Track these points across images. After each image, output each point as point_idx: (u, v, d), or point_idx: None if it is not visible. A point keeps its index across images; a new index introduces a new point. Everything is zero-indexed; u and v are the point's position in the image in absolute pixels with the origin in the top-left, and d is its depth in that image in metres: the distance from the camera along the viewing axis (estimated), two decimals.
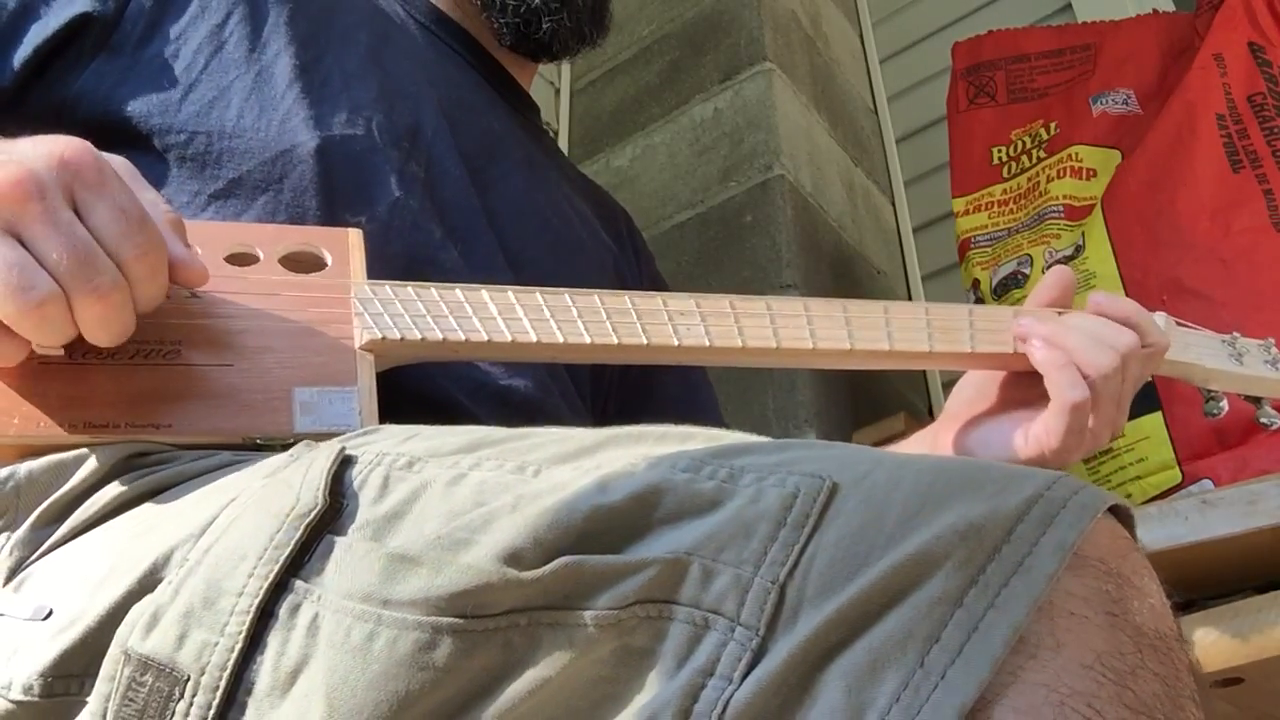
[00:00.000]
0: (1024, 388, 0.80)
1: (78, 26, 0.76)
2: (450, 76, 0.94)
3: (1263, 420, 0.87)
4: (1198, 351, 0.84)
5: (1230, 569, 0.90)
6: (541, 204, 0.94)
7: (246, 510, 0.51)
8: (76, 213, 0.54)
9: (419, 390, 0.72)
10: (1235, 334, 0.88)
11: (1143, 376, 0.79)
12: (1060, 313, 0.80)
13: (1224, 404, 0.86)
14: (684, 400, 1.03)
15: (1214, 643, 0.85)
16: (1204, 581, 0.91)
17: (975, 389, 0.85)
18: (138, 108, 0.75)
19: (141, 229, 0.55)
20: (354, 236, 0.71)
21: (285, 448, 0.58)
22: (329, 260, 0.69)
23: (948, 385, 1.83)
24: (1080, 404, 0.74)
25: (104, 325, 0.54)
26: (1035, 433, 0.77)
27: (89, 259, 0.53)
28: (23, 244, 0.52)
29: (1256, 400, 0.88)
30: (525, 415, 0.77)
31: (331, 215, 0.75)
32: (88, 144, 0.55)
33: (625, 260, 1.06)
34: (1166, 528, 0.90)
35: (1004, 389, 0.83)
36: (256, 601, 0.47)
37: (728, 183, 1.72)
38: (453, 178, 0.84)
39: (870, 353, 0.76)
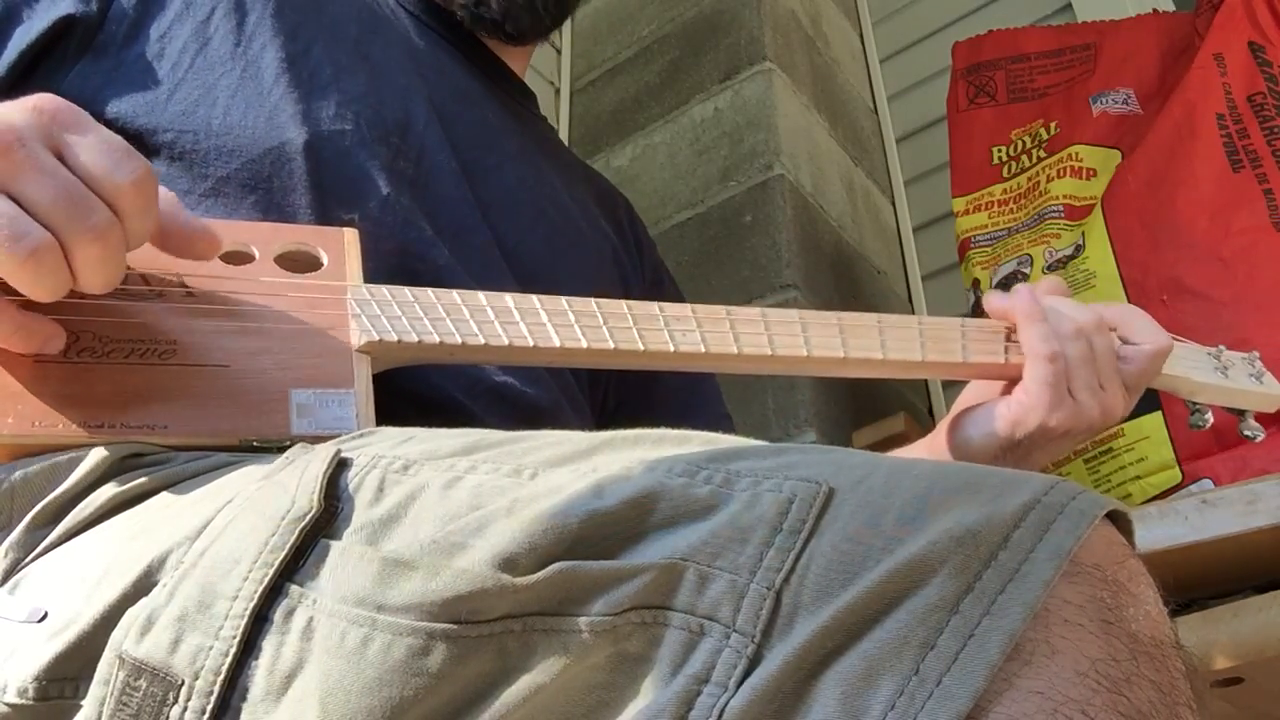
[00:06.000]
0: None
1: (61, 29, 0.75)
2: (442, 67, 0.93)
3: (1246, 433, 0.88)
4: (1185, 364, 0.85)
5: (1230, 569, 0.90)
6: (538, 195, 0.93)
7: (242, 513, 0.51)
8: (62, 159, 0.53)
9: (416, 390, 0.72)
10: (1221, 346, 0.88)
11: (1144, 371, 0.81)
12: None
13: (1209, 416, 0.87)
14: (687, 390, 1.02)
15: (1214, 643, 0.85)
16: (1204, 581, 0.90)
17: (976, 389, 0.87)
18: (123, 108, 0.74)
19: (130, 157, 0.54)
20: (349, 236, 0.70)
21: (282, 450, 0.58)
22: (325, 260, 0.68)
23: (948, 386, 1.83)
24: (1052, 355, 0.77)
25: (103, 266, 0.54)
26: (1016, 395, 0.80)
27: (81, 199, 0.52)
28: (11, 197, 0.51)
29: (1240, 412, 0.88)
30: (524, 412, 0.76)
31: (322, 213, 0.74)
32: (58, 96, 0.55)
33: (626, 250, 1.05)
34: (1166, 528, 0.90)
35: (1006, 387, 0.84)
36: (251, 606, 0.47)
37: (728, 182, 1.72)
38: (445, 172, 0.83)
39: (864, 360, 0.76)
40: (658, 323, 0.71)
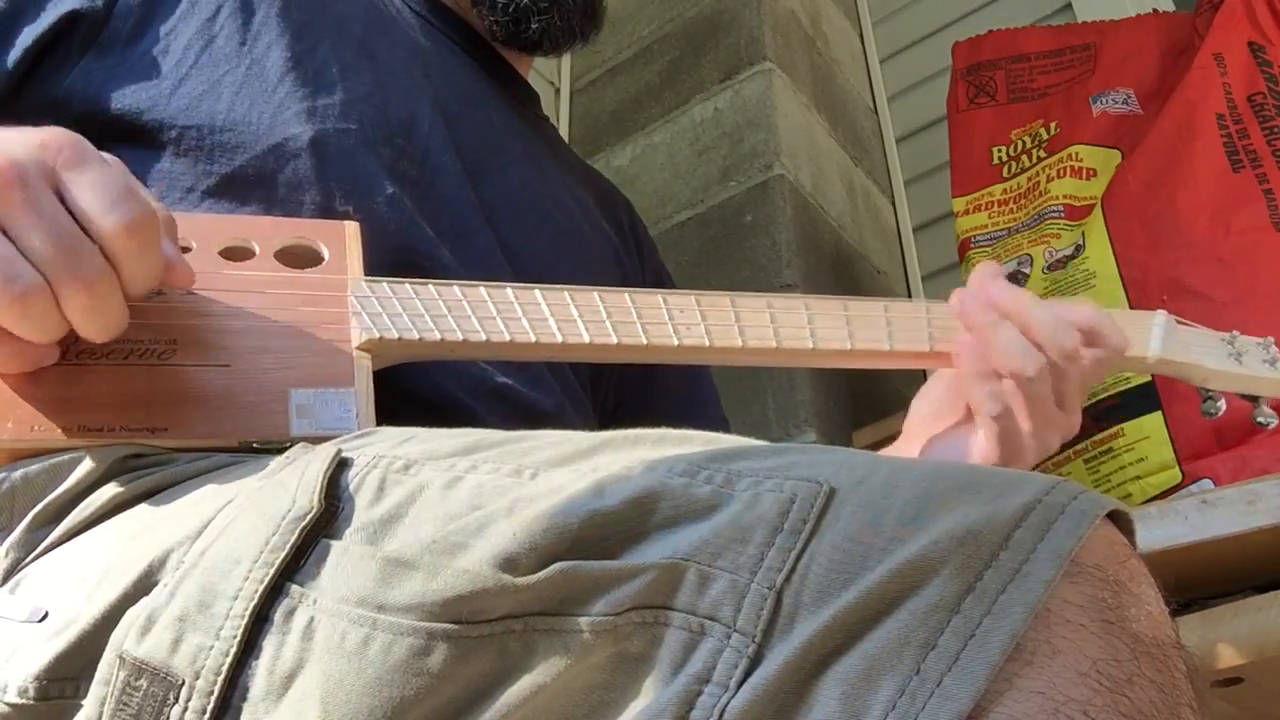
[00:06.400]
0: None
1: (66, 24, 0.75)
2: (447, 67, 0.93)
3: (1260, 419, 0.86)
4: (1198, 352, 0.84)
5: (1230, 569, 0.90)
6: (542, 196, 0.94)
7: (242, 513, 0.51)
8: (61, 197, 0.52)
9: (417, 388, 0.72)
10: (1235, 333, 0.87)
11: (1095, 377, 0.77)
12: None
13: (1222, 404, 0.86)
14: (686, 393, 1.03)
15: (1214, 643, 0.85)
16: (1204, 581, 0.90)
17: (929, 405, 0.84)
18: (128, 104, 0.74)
19: (127, 198, 0.53)
20: (350, 229, 0.70)
21: (282, 450, 0.58)
22: (325, 254, 0.68)
23: None
24: (999, 416, 0.72)
25: (91, 316, 0.53)
26: (974, 448, 0.76)
27: (73, 246, 0.51)
28: (6, 234, 0.51)
29: (1254, 399, 0.88)
30: (525, 412, 0.76)
31: (326, 212, 0.74)
32: (68, 130, 0.54)
33: (627, 252, 1.05)
34: (1166, 528, 0.90)
35: (958, 400, 0.80)
36: (251, 605, 0.47)
37: (728, 182, 1.72)
38: (449, 174, 0.83)
39: (870, 352, 0.75)
40: (661, 315, 0.71)
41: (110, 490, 0.57)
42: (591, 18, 1.02)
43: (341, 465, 0.53)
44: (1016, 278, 1.47)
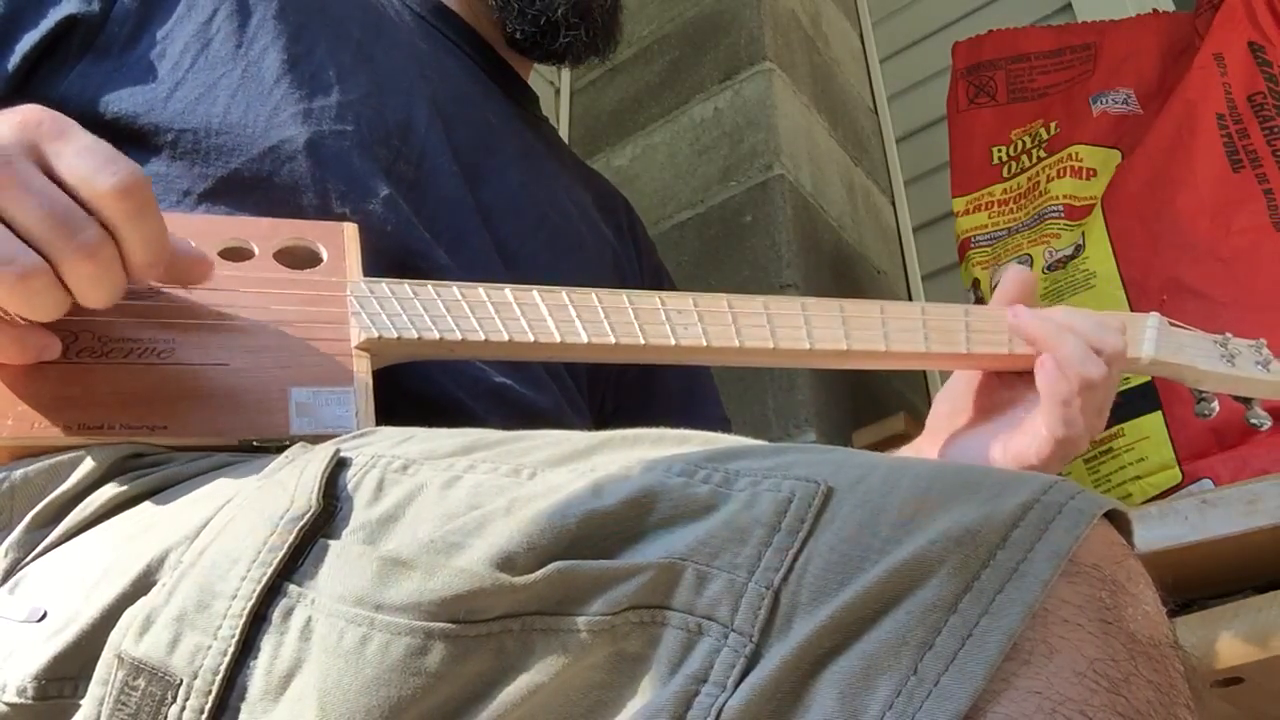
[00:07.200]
0: (1000, 393, 0.80)
1: (64, 28, 0.75)
2: (445, 69, 0.93)
3: (1253, 421, 0.87)
4: (1191, 353, 0.84)
5: (1230, 569, 0.90)
6: (540, 198, 0.94)
7: (241, 513, 0.51)
8: (49, 172, 0.52)
9: (416, 388, 0.72)
10: (1227, 334, 0.88)
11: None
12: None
13: (1215, 405, 0.86)
14: (685, 393, 1.03)
15: (1214, 643, 0.85)
16: (1204, 581, 0.90)
17: (951, 403, 0.84)
18: (124, 108, 0.74)
19: (115, 160, 0.52)
20: (349, 230, 0.70)
21: (281, 449, 0.58)
22: (324, 255, 0.68)
23: None
24: (1074, 439, 0.74)
25: (96, 283, 0.52)
26: (1015, 448, 0.76)
27: (68, 217, 0.51)
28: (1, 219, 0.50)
29: (1247, 401, 0.88)
30: (523, 412, 0.76)
31: (323, 214, 0.74)
32: (46, 107, 0.54)
33: (625, 253, 1.05)
34: (1166, 528, 0.90)
35: (979, 399, 0.82)
36: (249, 605, 0.47)
37: (728, 182, 1.72)
38: (446, 175, 0.83)
39: (867, 353, 0.76)
40: (659, 315, 0.71)
41: (110, 490, 0.57)
42: (611, 36, 1.04)
43: (340, 465, 0.53)
44: None
